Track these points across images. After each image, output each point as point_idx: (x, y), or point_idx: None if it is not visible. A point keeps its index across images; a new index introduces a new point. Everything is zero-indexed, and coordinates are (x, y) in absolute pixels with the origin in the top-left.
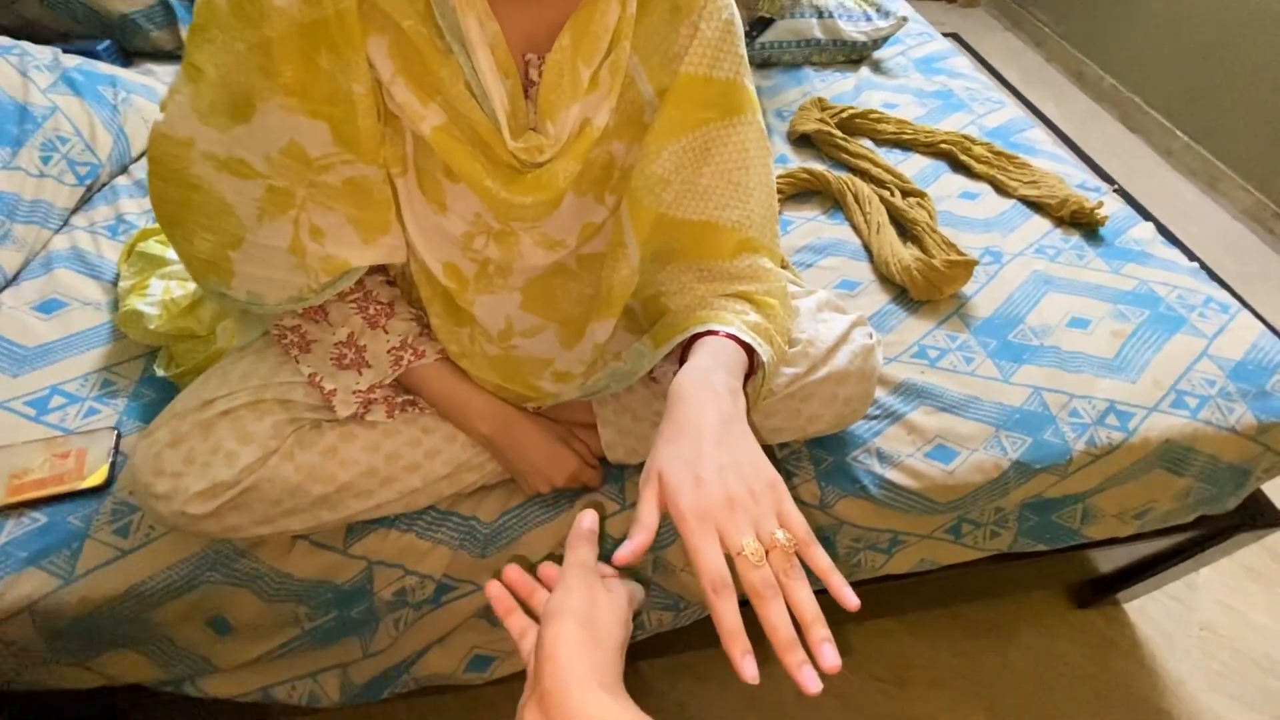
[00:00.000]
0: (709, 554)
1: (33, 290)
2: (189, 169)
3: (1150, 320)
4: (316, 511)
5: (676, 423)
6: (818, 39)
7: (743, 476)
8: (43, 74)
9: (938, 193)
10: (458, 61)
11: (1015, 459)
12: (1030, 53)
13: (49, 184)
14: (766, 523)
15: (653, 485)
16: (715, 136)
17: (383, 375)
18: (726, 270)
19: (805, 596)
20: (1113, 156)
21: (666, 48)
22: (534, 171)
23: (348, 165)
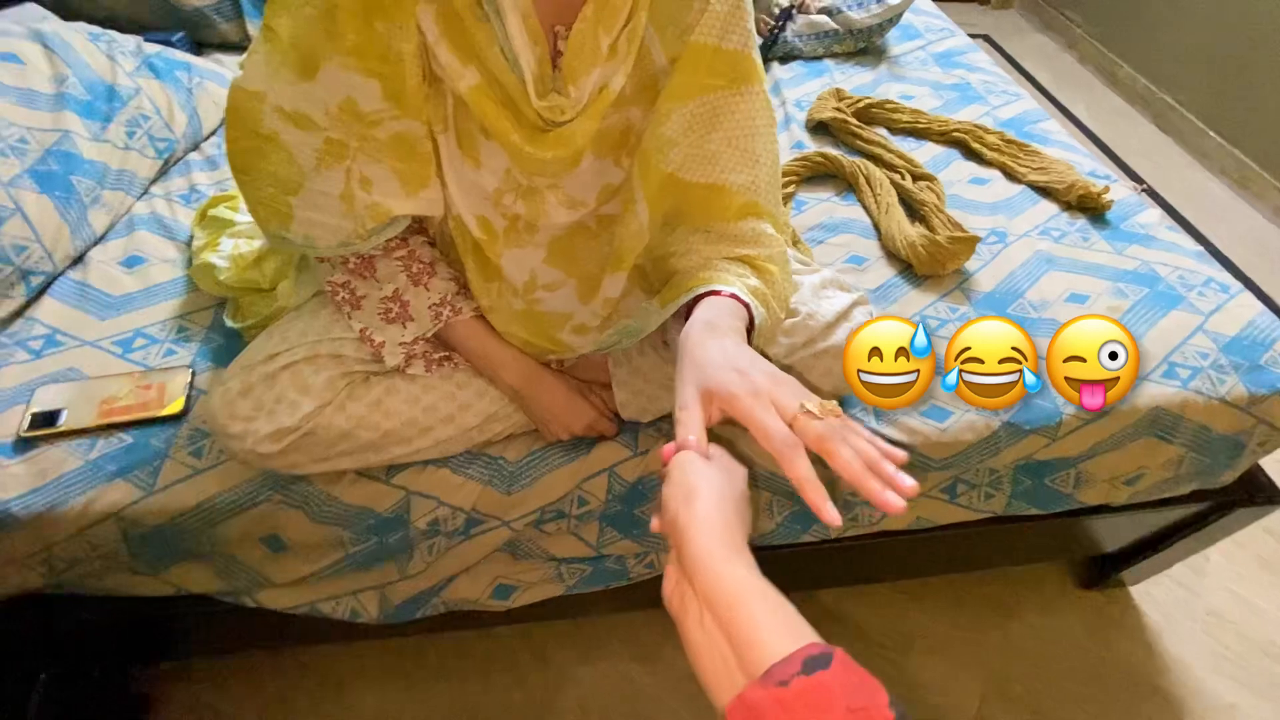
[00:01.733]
0: (773, 421)
1: (118, 248)
2: (260, 120)
3: (1149, 297)
4: (364, 454)
5: (694, 356)
6: (834, 30)
7: (770, 369)
8: (127, 59)
9: (948, 178)
10: (493, 28)
11: (1006, 420)
12: (1063, 54)
13: (133, 156)
14: (803, 395)
15: (694, 404)
16: (723, 104)
17: (424, 329)
18: (731, 232)
19: (864, 444)
20: (1144, 157)
21: (680, 19)
22: (556, 130)
23: (395, 121)
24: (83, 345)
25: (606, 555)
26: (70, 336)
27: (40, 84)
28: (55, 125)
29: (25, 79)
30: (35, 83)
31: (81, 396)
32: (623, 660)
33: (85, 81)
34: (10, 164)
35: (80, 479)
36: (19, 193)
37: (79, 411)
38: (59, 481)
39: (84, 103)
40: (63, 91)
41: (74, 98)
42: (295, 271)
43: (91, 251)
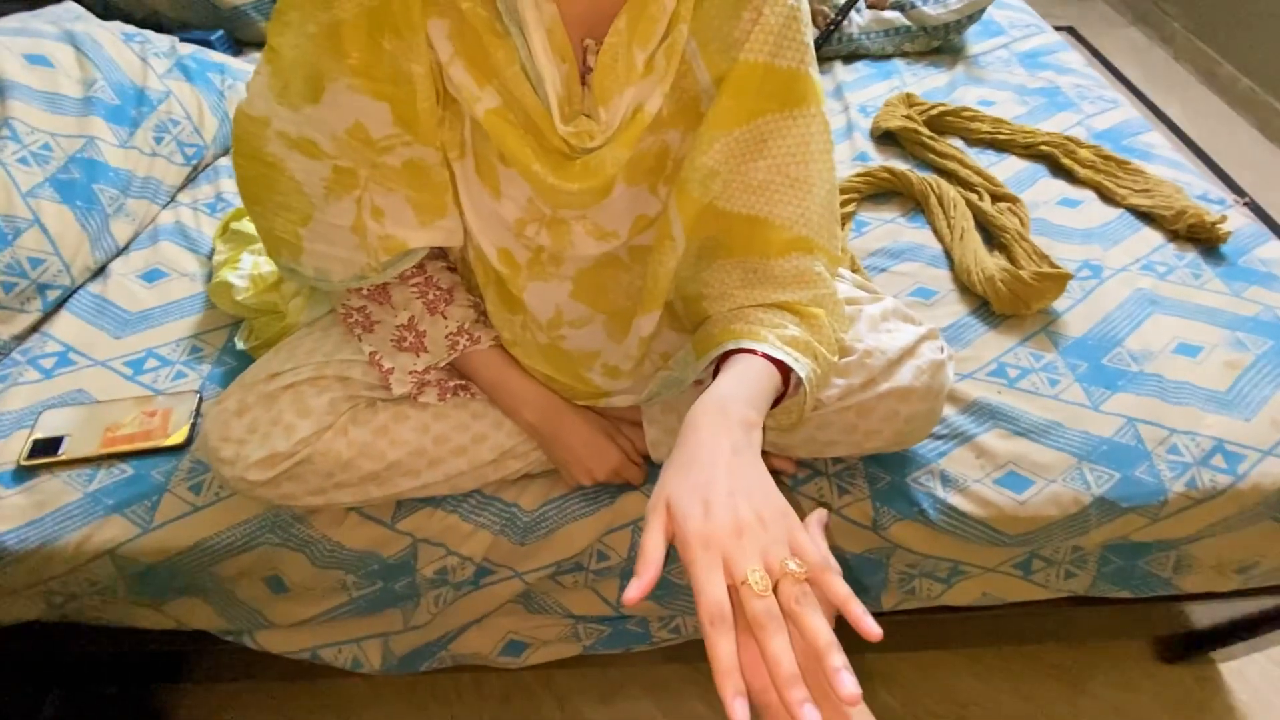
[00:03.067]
0: (710, 583)
1: (140, 260)
2: (265, 147)
3: (1273, 351)
4: (365, 487)
5: (687, 451)
6: (905, 26)
7: (753, 504)
8: (160, 60)
9: (1034, 199)
10: (514, 44)
11: (1099, 495)
12: (1156, 49)
13: (160, 163)
14: (776, 550)
15: (660, 514)
16: (774, 128)
17: (439, 358)
18: (773, 272)
19: (818, 624)
20: (1245, 167)
21: (727, 34)
22: (583, 158)
23: (407, 147)
24: (94, 365)
25: (628, 616)
26: (82, 355)
27: (68, 87)
28: (81, 131)
29: (53, 82)
30: (63, 86)
31: (86, 422)
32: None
33: (114, 85)
34: (31, 173)
35: (77, 513)
36: (38, 203)
37: (82, 439)
38: (56, 514)
39: (112, 107)
40: (91, 95)
41: (102, 102)
42: (309, 289)
43: (113, 264)
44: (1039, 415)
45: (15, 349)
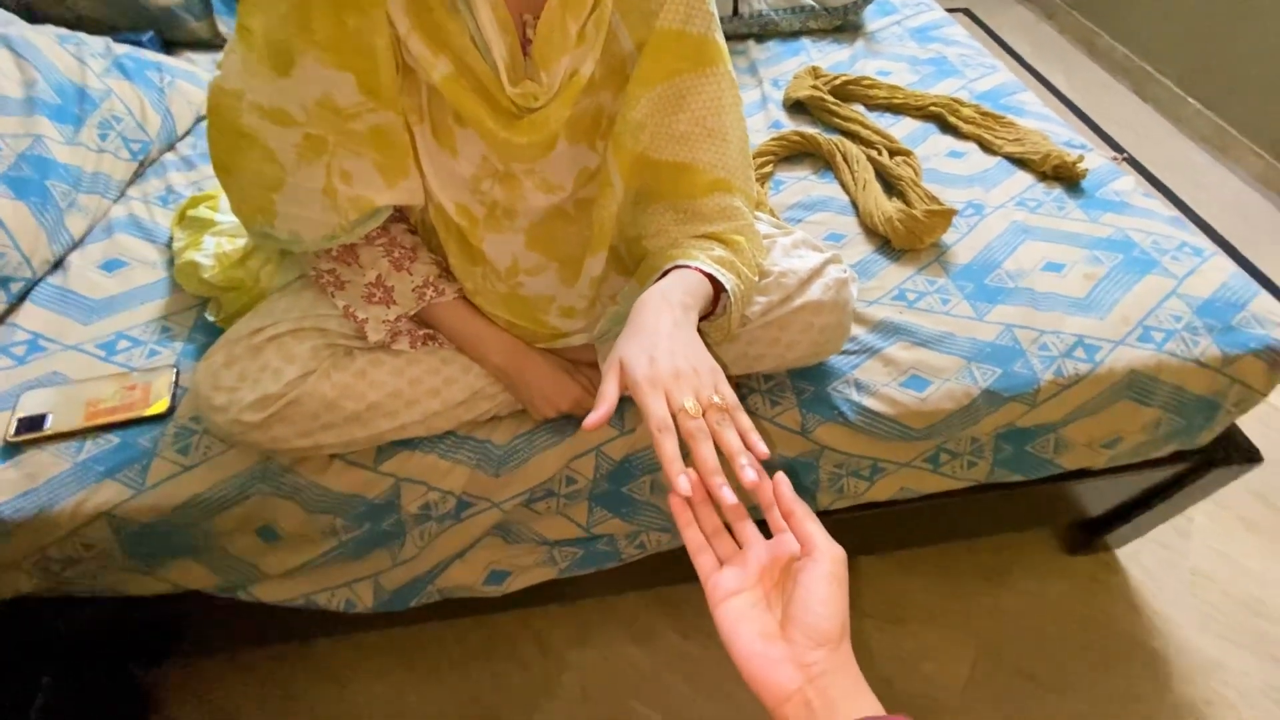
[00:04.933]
0: (656, 406)
1: (97, 251)
2: (239, 119)
3: (1123, 264)
4: (349, 428)
5: (636, 324)
6: (810, 6)
7: (688, 359)
8: (97, 60)
9: (925, 152)
10: (464, 19)
11: (985, 388)
12: (1042, 25)
13: (107, 159)
14: (705, 390)
15: (614, 368)
16: (689, 85)
17: (408, 308)
18: (700, 209)
19: (732, 438)
20: (1125, 127)
21: (644, 5)
22: (529, 116)
23: (372, 113)
24: (66, 349)
25: (597, 536)
26: (53, 341)
27: (9, 88)
28: (27, 130)
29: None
30: (4, 88)
31: (67, 400)
32: (621, 642)
33: (55, 84)
34: None
35: (70, 480)
36: None
37: (65, 415)
38: (49, 484)
39: (55, 106)
40: (32, 95)
41: (44, 101)
42: (279, 256)
43: (70, 256)
44: (934, 328)
45: None
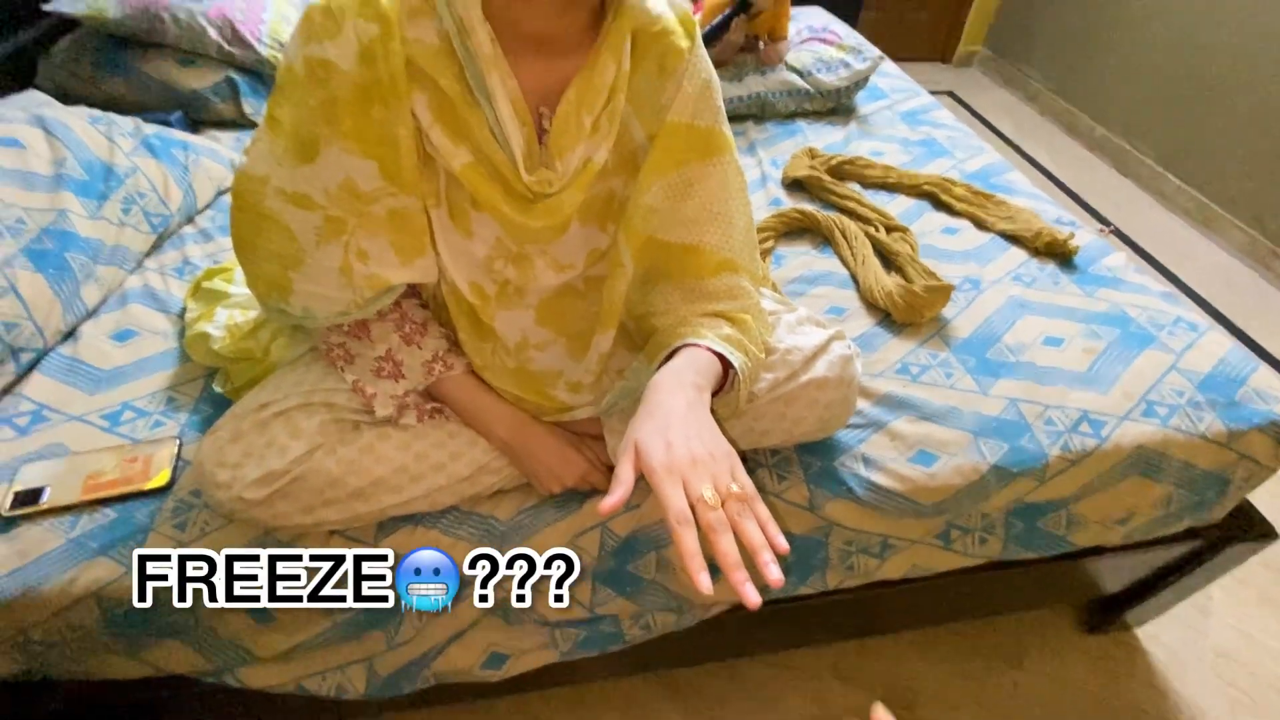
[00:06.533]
0: (675, 497)
1: (110, 322)
2: (263, 202)
3: (1121, 338)
4: (352, 504)
5: (650, 406)
6: (805, 90)
7: (704, 443)
8: (126, 139)
9: (920, 229)
10: (483, 111)
11: (993, 463)
12: (1023, 107)
13: (128, 232)
14: (723, 477)
15: (629, 452)
16: (697, 173)
17: (416, 383)
18: (707, 289)
19: (753, 531)
20: (1108, 200)
21: (655, 100)
22: (544, 201)
23: (392, 197)
24: (70, 420)
25: (601, 617)
26: (57, 412)
27: (39, 166)
28: (52, 205)
29: (25, 162)
30: (34, 165)
31: (66, 472)
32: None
33: (83, 162)
34: (6, 244)
35: (61, 558)
36: (14, 272)
37: (63, 488)
38: (39, 561)
39: (81, 182)
40: (61, 173)
41: (72, 178)
42: (290, 329)
43: (83, 326)
44: (939, 402)
45: None
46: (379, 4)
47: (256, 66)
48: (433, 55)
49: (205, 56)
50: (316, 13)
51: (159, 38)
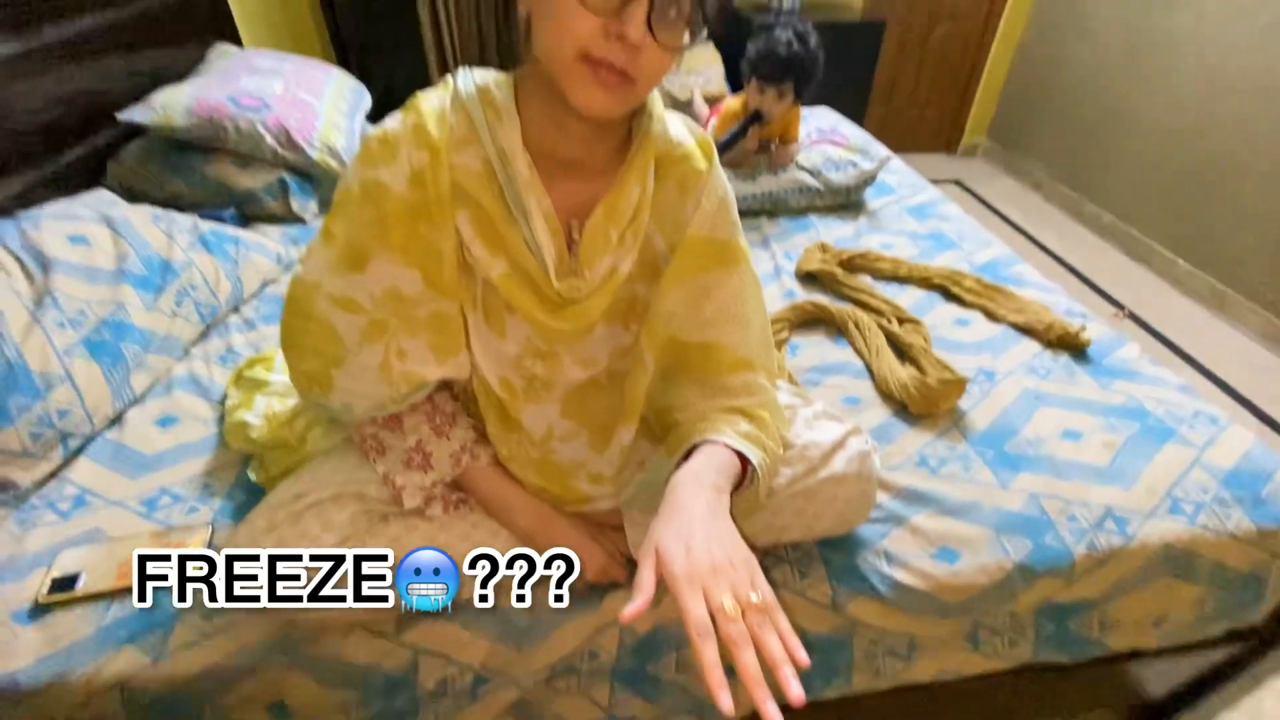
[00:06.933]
0: (696, 607)
1: (155, 408)
2: (314, 306)
3: (1141, 432)
4: None
5: (671, 507)
6: (815, 187)
7: (724, 549)
8: (183, 235)
9: (932, 320)
10: (520, 227)
11: (1018, 561)
12: (1030, 194)
13: (179, 322)
14: (743, 586)
15: (651, 556)
16: (716, 280)
17: (444, 474)
18: (725, 385)
19: (774, 644)
20: (1120, 285)
21: (676, 215)
22: (573, 306)
23: (433, 302)
24: (109, 505)
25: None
26: (98, 496)
27: (103, 261)
28: (112, 297)
29: (91, 258)
30: (99, 260)
31: (102, 558)
32: None
33: (144, 258)
34: (68, 335)
35: (91, 645)
36: (71, 361)
37: (98, 574)
38: (70, 649)
39: (140, 276)
40: (123, 268)
41: (132, 272)
42: (326, 419)
43: (129, 412)
44: (960, 496)
45: (34, 494)
46: (430, 135)
47: (306, 168)
48: (476, 179)
49: (260, 159)
50: (375, 142)
51: (220, 143)
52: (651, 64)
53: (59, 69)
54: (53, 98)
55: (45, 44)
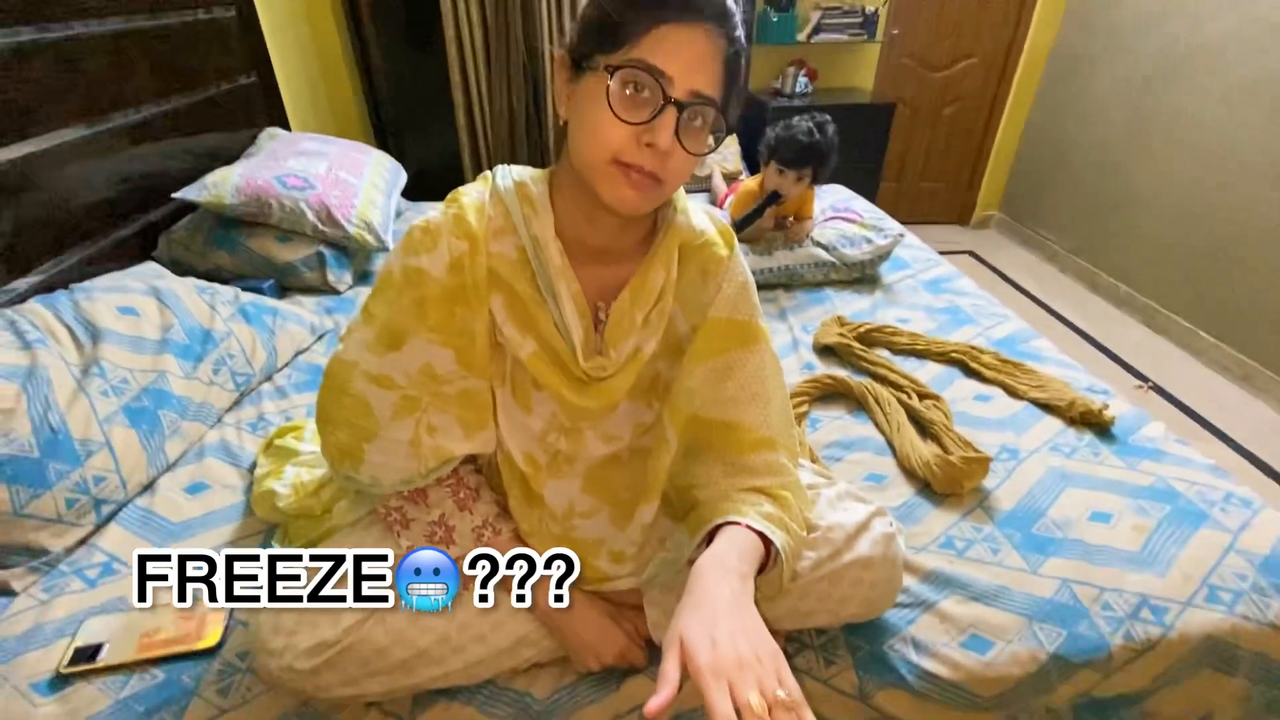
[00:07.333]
0: (721, 703)
1: (185, 475)
2: (351, 383)
3: (1171, 515)
4: (395, 676)
5: (695, 596)
6: (830, 262)
7: (750, 642)
8: (225, 307)
9: (952, 395)
10: (549, 309)
11: (1052, 651)
12: (1044, 265)
13: (215, 390)
14: (769, 681)
15: (675, 647)
16: (737, 360)
17: (466, 549)
18: (747, 464)
19: None
20: (1142, 356)
21: (698, 298)
22: (598, 384)
23: (463, 380)
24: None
25: None
26: (125, 565)
27: (149, 331)
28: (155, 366)
29: (138, 328)
30: (146, 331)
31: (124, 629)
32: None
33: (187, 328)
34: (110, 402)
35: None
36: (111, 428)
37: (120, 645)
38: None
39: (182, 345)
40: (167, 338)
41: (175, 342)
42: (352, 493)
43: (161, 479)
44: (989, 581)
45: (64, 560)
46: (469, 225)
47: (343, 242)
48: (511, 265)
49: (301, 234)
50: (418, 231)
51: (264, 219)
52: (678, 166)
53: (122, 152)
54: (114, 178)
55: (112, 129)
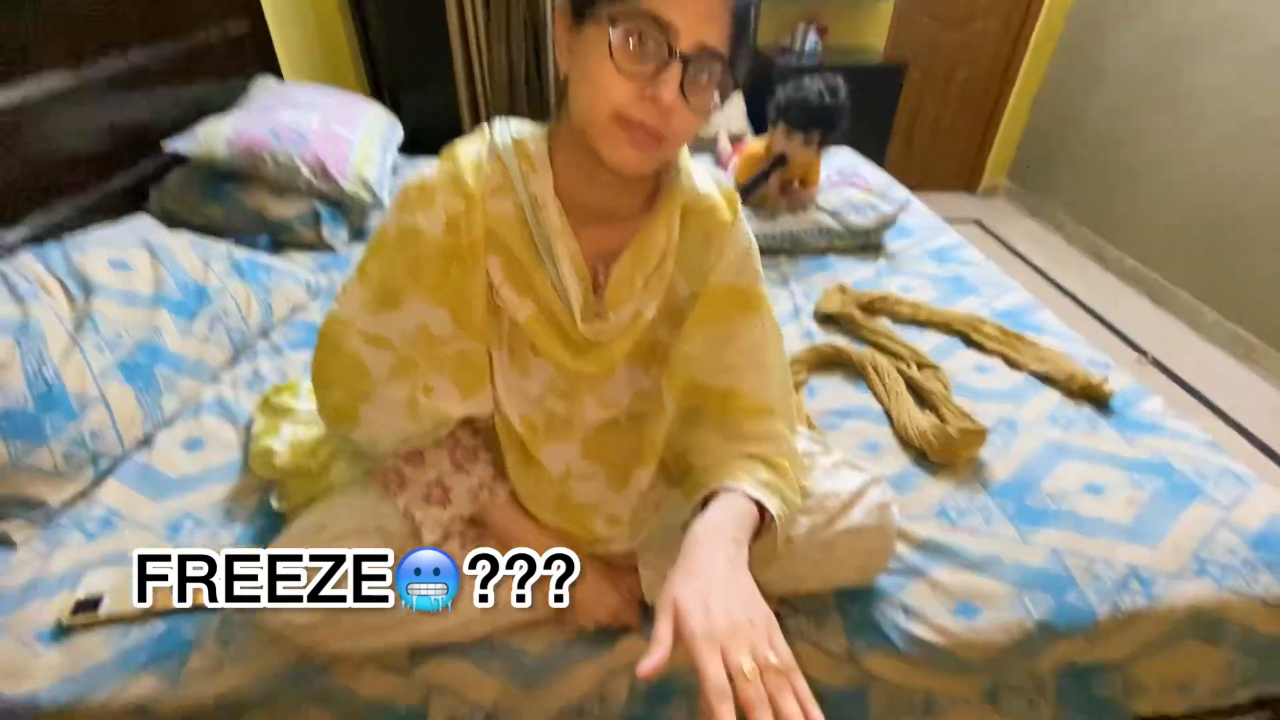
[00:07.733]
0: (713, 668)
1: (183, 431)
2: (345, 342)
3: (1166, 489)
4: (392, 632)
5: (689, 561)
6: (835, 229)
7: (743, 607)
8: (219, 263)
9: (952, 366)
10: (547, 270)
11: (1039, 619)
12: (1051, 236)
13: (210, 347)
14: (761, 646)
15: (668, 611)
16: (738, 326)
17: (463, 509)
18: (745, 431)
19: (792, 708)
20: (1144, 330)
21: (700, 263)
22: (596, 348)
23: (459, 341)
24: (136, 529)
25: None
26: (124, 518)
27: (141, 286)
28: (149, 322)
29: (129, 282)
30: (138, 286)
31: (124, 581)
32: None
33: (180, 283)
34: (105, 357)
35: (109, 670)
36: (107, 384)
37: (120, 597)
38: (89, 672)
39: (176, 301)
40: (160, 293)
41: (169, 297)
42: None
43: (159, 434)
44: (980, 550)
45: (63, 514)
46: (466, 184)
47: (338, 198)
48: (509, 225)
49: (295, 189)
50: (413, 190)
51: (258, 174)
52: (682, 124)
53: (110, 100)
54: (103, 127)
55: (99, 76)
